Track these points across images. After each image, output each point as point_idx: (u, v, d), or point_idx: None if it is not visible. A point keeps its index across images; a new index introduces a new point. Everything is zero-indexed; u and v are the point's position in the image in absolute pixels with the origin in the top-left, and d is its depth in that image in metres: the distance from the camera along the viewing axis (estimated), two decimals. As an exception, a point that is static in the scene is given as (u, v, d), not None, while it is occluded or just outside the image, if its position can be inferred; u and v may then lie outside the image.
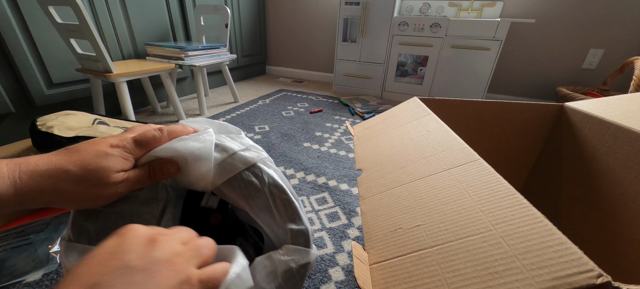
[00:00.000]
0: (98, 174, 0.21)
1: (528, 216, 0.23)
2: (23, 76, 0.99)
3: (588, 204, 0.51)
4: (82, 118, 0.73)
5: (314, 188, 0.82)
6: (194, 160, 0.27)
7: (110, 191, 0.23)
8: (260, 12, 2.28)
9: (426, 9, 1.85)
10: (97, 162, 0.22)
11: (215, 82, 1.97)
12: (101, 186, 0.22)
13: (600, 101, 0.53)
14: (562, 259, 0.19)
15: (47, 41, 1.03)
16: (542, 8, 1.62)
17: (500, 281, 0.21)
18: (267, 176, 0.31)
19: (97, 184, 0.22)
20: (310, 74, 2.45)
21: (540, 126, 0.61)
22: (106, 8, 1.19)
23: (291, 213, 0.30)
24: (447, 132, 0.40)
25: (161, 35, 1.48)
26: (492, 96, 1.91)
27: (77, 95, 1.17)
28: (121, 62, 1.21)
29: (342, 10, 1.80)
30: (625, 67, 1.29)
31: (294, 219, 0.30)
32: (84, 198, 0.22)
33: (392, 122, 0.53)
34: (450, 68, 1.68)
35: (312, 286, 0.53)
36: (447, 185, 0.31)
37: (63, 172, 0.21)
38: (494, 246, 0.23)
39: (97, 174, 0.21)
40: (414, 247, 0.27)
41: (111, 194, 0.23)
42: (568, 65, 1.67)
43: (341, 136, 1.22)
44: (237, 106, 1.58)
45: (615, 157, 0.45)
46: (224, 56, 1.48)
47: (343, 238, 0.64)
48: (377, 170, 0.42)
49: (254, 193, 0.31)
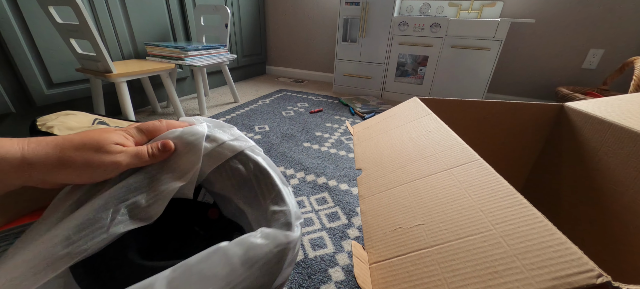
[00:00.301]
0: (98, 142, 0.24)
1: (528, 216, 0.23)
2: (23, 75, 0.99)
3: (588, 204, 0.51)
4: (82, 118, 0.73)
5: (314, 188, 0.82)
6: (186, 145, 0.29)
7: (109, 158, 0.24)
8: (260, 12, 2.28)
9: (426, 9, 1.85)
10: (98, 133, 0.25)
11: (215, 82, 1.97)
12: (101, 152, 0.24)
13: (600, 101, 0.53)
14: (562, 259, 0.19)
15: (47, 41, 1.03)
16: (542, 8, 1.62)
17: (500, 280, 0.21)
18: (252, 162, 0.31)
19: (97, 150, 0.24)
20: (310, 74, 2.45)
21: (540, 126, 0.61)
22: (106, 8, 1.19)
23: (274, 195, 0.30)
24: (447, 132, 0.40)
25: (161, 35, 1.48)
26: (492, 96, 1.91)
27: (77, 95, 1.17)
28: (121, 62, 1.21)
29: (342, 10, 1.80)
30: (625, 67, 1.29)
31: (277, 201, 0.30)
32: (86, 165, 0.23)
33: (392, 122, 0.53)
34: (450, 68, 1.68)
35: (312, 286, 0.53)
36: (447, 185, 0.31)
37: (67, 141, 0.23)
38: (494, 246, 0.23)
39: (97, 141, 0.24)
40: (414, 247, 0.27)
41: (111, 163, 0.24)
42: (568, 65, 1.67)
43: (341, 136, 1.22)
44: (237, 106, 1.58)
45: (615, 157, 0.45)
46: (224, 56, 1.48)
47: (343, 237, 0.64)
48: (377, 170, 0.42)
49: (241, 182, 0.31)
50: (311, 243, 0.62)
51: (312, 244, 0.62)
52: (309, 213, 0.72)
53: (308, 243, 0.62)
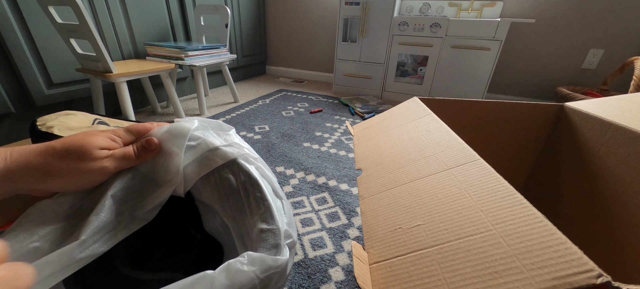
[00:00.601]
0: (82, 149, 0.23)
1: (528, 216, 0.23)
2: (23, 75, 0.99)
3: (588, 204, 0.51)
4: (82, 118, 0.73)
5: (314, 188, 0.82)
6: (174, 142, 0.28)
7: (95, 165, 0.23)
8: (260, 12, 2.28)
9: (426, 9, 1.85)
10: (82, 138, 0.23)
11: (215, 82, 1.97)
12: (85, 160, 0.23)
13: (600, 101, 0.53)
14: (562, 259, 0.19)
15: (47, 41, 1.03)
16: (542, 8, 1.62)
17: (500, 280, 0.21)
18: (243, 172, 0.29)
19: (81, 157, 0.23)
20: (310, 74, 2.45)
21: (540, 126, 0.61)
22: (106, 8, 1.19)
23: (263, 211, 0.27)
24: (447, 132, 0.40)
25: (161, 35, 1.48)
26: (492, 96, 1.91)
27: (77, 95, 1.17)
28: (121, 62, 1.21)
29: (342, 10, 1.80)
30: (625, 67, 1.29)
31: (266, 218, 0.27)
32: (72, 174, 0.23)
33: (392, 122, 0.53)
34: (450, 68, 1.68)
35: (312, 286, 0.53)
36: (447, 185, 0.31)
37: (50, 149, 0.22)
38: (494, 246, 0.23)
39: (81, 148, 0.23)
40: (414, 247, 0.27)
41: (98, 169, 0.24)
42: (568, 65, 1.67)
43: (341, 136, 1.22)
44: (237, 106, 1.58)
45: (615, 157, 0.45)
46: (224, 56, 1.48)
47: (343, 237, 0.64)
48: (377, 170, 0.42)
49: (229, 192, 0.29)
50: (311, 243, 0.62)
51: (312, 244, 0.62)
52: (309, 213, 0.72)
53: (308, 243, 0.62)
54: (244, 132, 1.21)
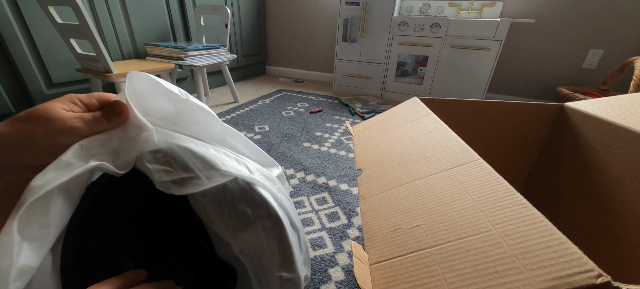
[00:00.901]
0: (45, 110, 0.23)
1: (528, 216, 0.23)
2: (23, 75, 0.99)
3: (588, 204, 0.51)
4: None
5: (314, 188, 0.82)
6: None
7: (64, 124, 0.23)
8: (260, 12, 2.28)
9: (426, 9, 1.85)
10: (42, 105, 0.23)
11: (215, 82, 1.97)
12: (52, 119, 0.23)
13: (600, 101, 0.53)
14: (562, 259, 0.19)
15: (47, 41, 1.03)
16: (542, 8, 1.62)
17: (500, 281, 0.21)
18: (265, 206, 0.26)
19: (47, 118, 0.23)
20: (310, 74, 2.45)
21: (540, 126, 0.61)
22: (106, 8, 1.19)
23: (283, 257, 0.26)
24: (447, 132, 0.40)
25: (161, 35, 1.48)
26: (492, 96, 1.91)
27: (77, 95, 1.17)
28: (121, 62, 1.21)
29: (342, 10, 1.80)
30: (625, 67, 1.29)
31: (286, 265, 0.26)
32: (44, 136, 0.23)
33: (392, 122, 0.53)
34: (450, 68, 1.68)
35: (312, 286, 0.53)
36: (447, 185, 0.31)
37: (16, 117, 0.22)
38: (494, 246, 0.23)
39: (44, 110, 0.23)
40: (414, 247, 0.27)
41: (69, 128, 0.23)
42: (568, 65, 1.67)
43: (341, 136, 1.22)
44: (237, 106, 1.58)
45: (615, 157, 0.45)
46: (224, 56, 1.48)
47: (343, 238, 0.64)
48: (377, 170, 0.42)
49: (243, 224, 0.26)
50: (311, 243, 0.62)
51: (312, 244, 0.62)
52: (309, 213, 0.72)
53: (308, 243, 0.62)
54: (244, 133, 1.21)
